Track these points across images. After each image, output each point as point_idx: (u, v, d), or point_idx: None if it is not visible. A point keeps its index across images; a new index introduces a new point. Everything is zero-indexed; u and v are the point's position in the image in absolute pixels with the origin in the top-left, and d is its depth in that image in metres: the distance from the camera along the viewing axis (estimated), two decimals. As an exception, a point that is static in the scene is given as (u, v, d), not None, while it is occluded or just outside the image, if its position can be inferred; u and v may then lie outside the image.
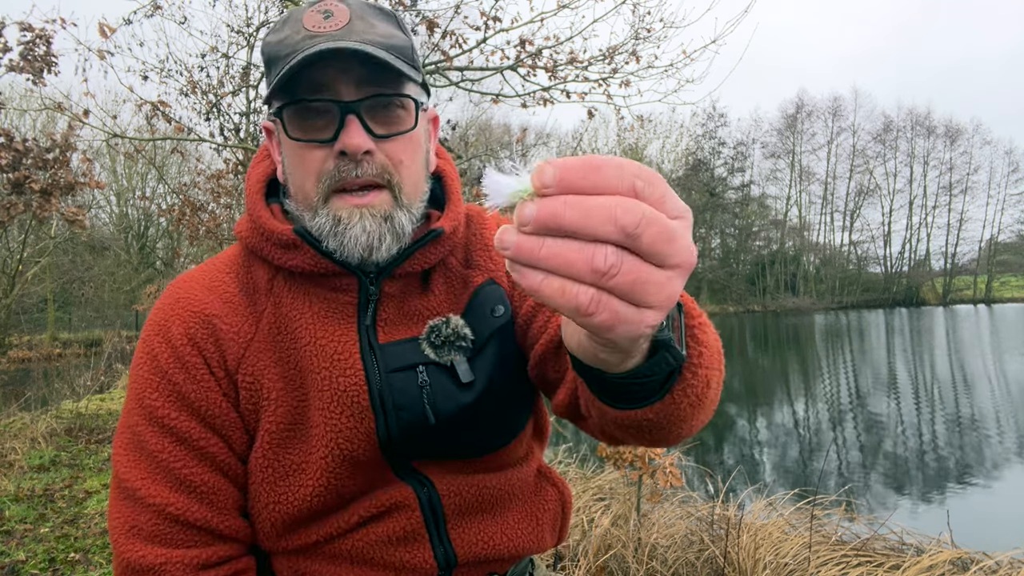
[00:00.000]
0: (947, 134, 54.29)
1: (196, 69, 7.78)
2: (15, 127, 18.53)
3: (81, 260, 25.43)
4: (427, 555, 0.82)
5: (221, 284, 0.83)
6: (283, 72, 0.72)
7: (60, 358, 12.63)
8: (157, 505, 0.75)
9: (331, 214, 0.75)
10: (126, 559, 0.75)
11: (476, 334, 0.83)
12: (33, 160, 5.96)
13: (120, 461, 0.78)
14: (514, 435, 0.88)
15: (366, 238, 0.75)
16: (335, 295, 0.81)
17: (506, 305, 0.87)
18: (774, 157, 55.26)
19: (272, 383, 0.79)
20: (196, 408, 0.78)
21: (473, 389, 0.82)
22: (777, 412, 10.73)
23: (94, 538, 3.51)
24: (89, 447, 5.73)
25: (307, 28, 0.74)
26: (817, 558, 2.67)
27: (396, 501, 0.81)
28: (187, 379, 0.78)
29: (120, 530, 0.76)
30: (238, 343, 0.80)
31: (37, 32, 5.54)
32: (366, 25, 0.75)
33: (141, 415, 0.78)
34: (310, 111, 0.74)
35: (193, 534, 0.77)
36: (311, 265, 0.79)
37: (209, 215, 7.09)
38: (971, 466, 6.98)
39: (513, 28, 5.66)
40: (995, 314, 37.05)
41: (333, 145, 0.74)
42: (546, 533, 0.92)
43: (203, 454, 0.78)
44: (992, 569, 2.71)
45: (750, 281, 51.93)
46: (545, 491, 0.94)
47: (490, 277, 0.88)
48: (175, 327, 0.79)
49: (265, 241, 0.81)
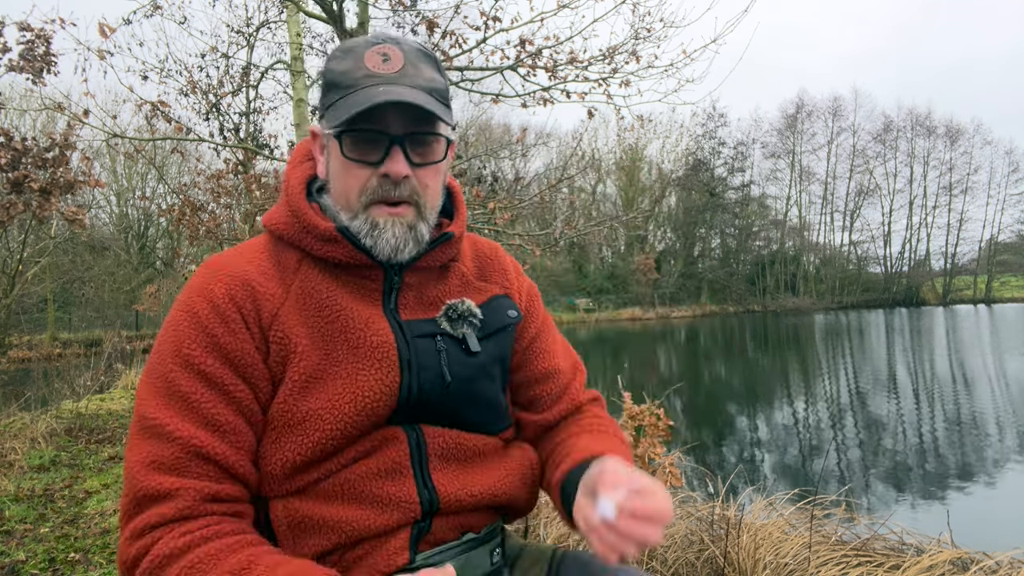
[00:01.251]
0: (947, 134, 54.28)
1: (196, 69, 7.78)
2: (15, 127, 18.52)
3: (81, 260, 25.43)
4: (411, 490, 0.91)
5: (256, 259, 0.96)
6: (351, 112, 0.87)
7: (60, 358, 12.62)
8: (183, 439, 0.82)
9: (369, 219, 0.92)
10: (142, 487, 0.81)
11: (487, 323, 1.02)
12: (32, 159, 5.96)
13: (148, 403, 0.85)
14: (505, 420, 1.06)
15: (395, 241, 0.92)
16: (362, 282, 0.96)
17: (518, 312, 1.08)
18: (774, 157, 55.26)
19: (299, 339, 0.90)
20: (230, 358, 0.87)
21: (479, 359, 0.99)
22: (777, 412, 10.73)
23: (94, 538, 3.51)
24: (89, 447, 5.73)
25: (367, 67, 0.91)
26: (817, 558, 2.66)
27: (386, 436, 0.92)
28: (225, 331, 0.88)
29: (139, 464, 0.82)
30: (272, 303, 0.91)
31: (37, 32, 5.53)
32: (415, 71, 0.92)
33: (176, 362, 0.86)
34: (364, 137, 0.91)
35: (211, 468, 0.83)
36: (347, 257, 0.94)
37: (209, 215, 7.09)
38: (971, 466, 6.98)
39: (513, 28, 5.66)
40: (995, 314, 37.05)
41: (378, 168, 0.91)
42: (518, 483, 1.02)
43: (231, 398, 0.86)
44: (992, 569, 2.71)
45: (750, 281, 51.89)
46: (514, 450, 1.06)
47: (505, 292, 1.09)
48: (217, 288, 0.90)
49: (307, 234, 0.95)
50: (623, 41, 5.77)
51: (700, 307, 47.77)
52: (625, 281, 47.74)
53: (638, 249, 48.91)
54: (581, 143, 29.18)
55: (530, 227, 5.95)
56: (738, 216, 53.66)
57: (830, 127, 55.10)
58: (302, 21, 7.79)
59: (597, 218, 37.76)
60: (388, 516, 0.89)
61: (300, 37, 7.59)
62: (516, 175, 9.60)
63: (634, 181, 51.65)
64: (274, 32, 8.55)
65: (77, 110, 5.29)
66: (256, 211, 6.80)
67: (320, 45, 8.18)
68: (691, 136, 53.03)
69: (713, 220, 52.64)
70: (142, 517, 0.80)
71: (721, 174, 52.88)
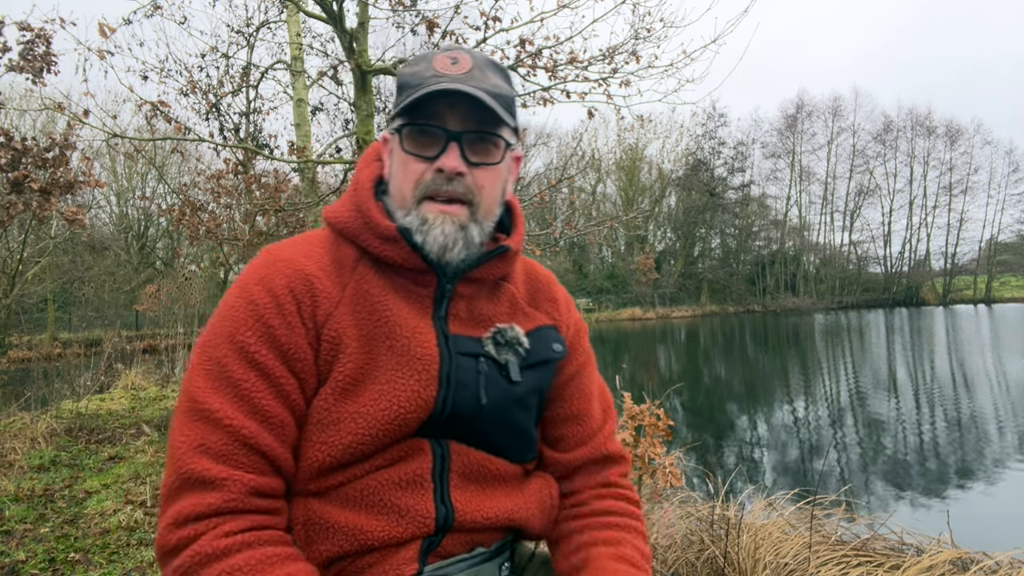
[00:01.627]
0: (947, 134, 54.19)
1: (196, 69, 7.79)
2: (15, 127, 18.53)
3: (81, 260, 25.43)
4: (428, 504, 0.90)
5: (316, 254, 0.96)
6: (409, 100, 0.89)
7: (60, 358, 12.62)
8: (232, 427, 0.83)
9: (420, 215, 0.92)
10: (189, 470, 0.81)
11: (532, 353, 1.01)
12: (33, 159, 5.96)
13: (199, 387, 0.85)
14: (532, 451, 1.05)
15: (443, 239, 0.91)
16: (415, 287, 0.96)
17: (564, 347, 1.06)
18: (774, 157, 55.18)
19: (349, 340, 0.91)
20: (284, 350, 0.88)
21: (517, 388, 0.97)
22: (777, 412, 10.73)
23: (94, 538, 3.51)
24: (89, 447, 5.73)
25: (436, 69, 0.92)
26: (817, 558, 2.66)
27: (412, 447, 0.92)
28: (281, 324, 0.88)
29: (186, 446, 0.82)
30: (329, 302, 0.92)
31: (36, 31, 5.53)
32: (482, 75, 0.93)
33: (230, 348, 0.86)
34: (423, 133, 0.92)
35: (257, 460, 0.84)
36: (403, 259, 0.94)
37: (209, 215, 7.08)
38: (971, 466, 6.98)
39: (513, 28, 5.66)
40: (995, 314, 37.04)
41: (433, 163, 0.91)
42: (535, 512, 1.02)
43: (281, 391, 0.87)
44: (992, 569, 2.71)
45: (750, 281, 51.86)
46: (535, 479, 1.06)
47: (554, 324, 1.07)
48: (278, 279, 0.91)
49: (368, 231, 0.95)
50: (623, 41, 5.77)
51: (700, 307, 47.76)
52: (625, 281, 47.74)
53: (638, 249, 48.89)
54: (581, 143, 29.18)
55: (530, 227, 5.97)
56: (738, 216, 53.62)
57: (830, 127, 55.10)
58: (302, 21, 7.80)
59: (597, 218, 37.76)
60: (402, 527, 0.89)
61: (300, 37, 7.60)
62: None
63: (634, 181, 51.64)
64: (274, 32, 8.56)
65: (77, 110, 5.29)
66: (256, 211, 6.79)
67: (320, 45, 8.19)
68: (691, 136, 53.06)
69: (713, 220, 52.60)
70: (186, 502, 0.80)
71: (721, 174, 52.85)
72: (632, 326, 37.66)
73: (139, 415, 7.35)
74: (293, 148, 6.97)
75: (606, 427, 1.12)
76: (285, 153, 7.36)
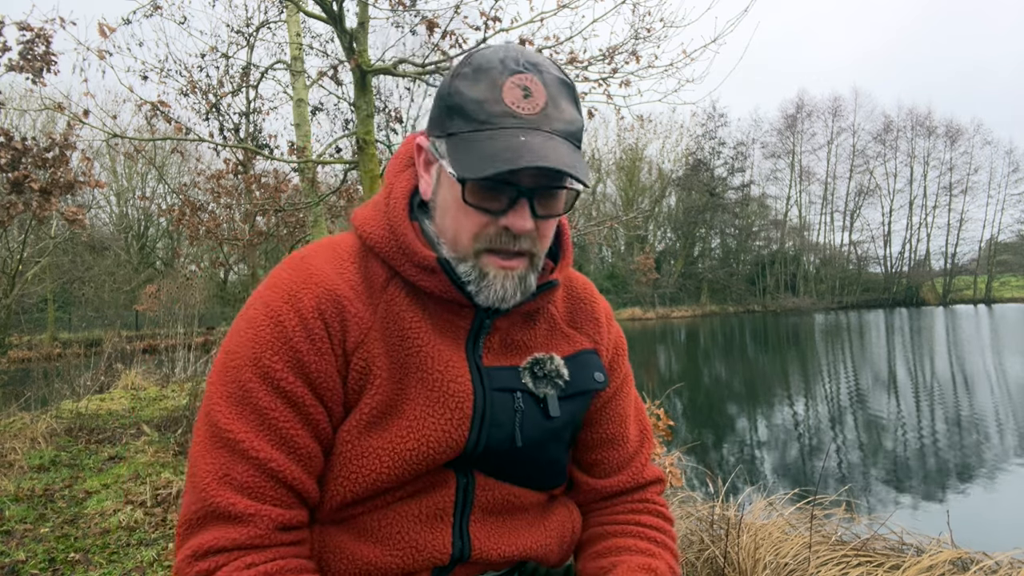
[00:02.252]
0: (947, 134, 54.24)
1: (196, 69, 7.79)
2: (15, 127, 18.54)
3: (81, 260, 25.43)
4: (446, 539, 0.87)
5: (347, 271, 0.88)
6: (489, 171, 0.76)
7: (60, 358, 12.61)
8: (259, 459, 0.78)
9: (479, 268, 0.85)
10: (214, 503, 0.77)
11: (572, 383, 0.94)
12: (33, 159, 5.97)
13: (222, 412, 0.80)
14: (561, 477, 1.00)
15: (503, 294, 0.85)
16: (451, 317, 0.89)
17: (605, 376, 0.99)
18: (774, 157, 55.22)
19: (380, 370, 0.85)
20: (311, 377, 0.82)
21: (555, 423, 0.92)
22: (777, 412, 10.73)
23: (94, 538, 3.51)
24: (89, 447, 5.73)
25: (506, 104, 0.80)
26: (817, 558, 2.66)
27: (436, 480, 0.87)
28: (310, 349, 0.82)
29: (211, 475, 0.78)
30: (360, 327, 0.86)
31: (36, 31, 5.54)
32: (557, 111, 0.82)
33: (255, 372, 0.81)
34: (491, 186, 0.81)
35: (283, 493, 0.80)
36: (442, 291, 0.87)
37: (209, 215, 7.09)
38: (971, 466, 6.98)
39: (513, 28, 5.66)
40: (995, 314, 37.05)
41: (499, 218, 0.82)
42: (554, 545, 0.98)
43: (309, 420, 0.82)
44: (992, 569, 2.71)
45: (750, 281, 51.87)
46: (558, 508, 1.01)
47: (595, 348, 1.00)
48: (307, 299, 0.84)
49: (403, 256, 0.87)
50: (623, 41, 5.77)
51: (700, 307, 47.76)
52: (625, 281, 47.74)
53: (638, 249, 48.90)
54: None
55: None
56: (738, 216, 53.63)
57: (830, 127, 55.14)
58: (302, 21, 7.79)
59: (597, 218, 37.76)
60: (416, 561, 0.86)
61: (300, 37, 7.59)
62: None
63: (634, 181, 51.64)
64: (274, 32, 8.56)
65: (77, 110, 5.29)
66: (256, 211, 6.80)
67: (320, 45, 8.18)
68: (691, 136, 53.06)
69: (713, 220, 52.60)
70: (208, 535, 0.77)
71: (721, 174, 52.86)
72: (632, 326, 37.66)
73: (139, 415, 7.34)
74: (293, 148, 6.98)
75: (643, 451, 1.07)
76: (285, 153, 7.36)
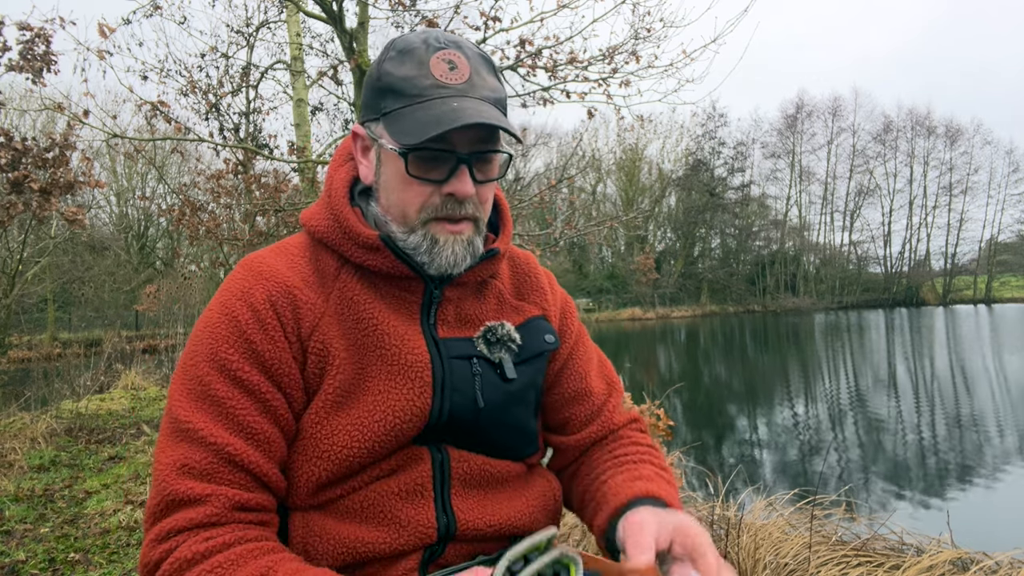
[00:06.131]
0: (947, 134, 54.22)
1: (196, 69, 7.80)
2: (15, 127, 18.54)
3: (81, 260, 25.42)
4: (430, 514, 0.89)
5: (297, 264, 0.93)
6: (428, 133, 0.82)
7: (60, 358, 12.62)
8: (216, 444, 0.81)
9: (428, 235, 0.89)
10: (171, 491, 0.79)
11: (525, 348, 0.99)
12: (33, 159, 5.97)
13: (181, 405, 0.83)
14: (533, 445, 1.03)
15: (455, 258, 0.90)
16: (402, 294, 0.94)
17: (555, 336, 1.04)
18: (774, 157, 55.19)
19: (337, 351, 0.89)
20: (267, 366, 0.86)
21: (514, 385, 0.96)
22: (777, 412, 10.73)
23: (94, 538, 3.51)
24: (89, 447, 5.73)
25: (434, 76, 0.86)
26: (817, 558, 2.66)
27: (410, 456, 0.90)
28: (264, 339, 0.86)
29: (169, 467, 0.80)
30: (313, 314, 0.89)
31: (36, 31, 5.54)
32: (481, 80, 0.89)
33: (212, 366, 0.84)
34: (430, 155, 0.86)
35: (242, 476, 0.82)
36: (388, 267, 0.91)
37: (209, 215, 7.09)
38: (971, 466, 6.98)
39: (513, 28, 5.66)
40: (995, 314, 37.04)
41: (442, 186, 0.88)
42: (539, 514, 1.00)
43: (266, 406, 0.85)
44: (992, 569, 2.71)
45: (750, 281, 51.85)
46: (537, 479, 1.04)
47: (543, 313, 1.05)
48: (258, 292, 0.88)
49: (348, 240, 0.92)
50: (623, 41, 5.77)
51: (700, 307, 47.75)
52: (625, 281, 47.76)
53: (638, 249, 48.90)
54: (581, 143, 29.18)
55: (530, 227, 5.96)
56: (738, 216, 53.62)
57: (830, 127, 55.11)
58: (302, 21, 7.79)
59: (597, 218, 37.75)
60: (403, 538, 0.87)
61: (300, 37, 7.60)
62: (516, 175, 9.60)
63: (634, 181, 51.66)
64: (274, 32, 8.57)
65: (77, 110, 5.29)
66: (256, 211, 6.80)
67: (320, 45, 8.19)
68: (691, 136, 53.07)
69: (713, 220, 52.61)
70: (168, 521, 0.78)
71: (721, 174, 52.87)
72: (632, 326, 37.66)
73: (139, 415, 7.35)
74: (293, 148, 6.98)
75: (611, 400, 1.09)
76: (285, 153, 7.37)
